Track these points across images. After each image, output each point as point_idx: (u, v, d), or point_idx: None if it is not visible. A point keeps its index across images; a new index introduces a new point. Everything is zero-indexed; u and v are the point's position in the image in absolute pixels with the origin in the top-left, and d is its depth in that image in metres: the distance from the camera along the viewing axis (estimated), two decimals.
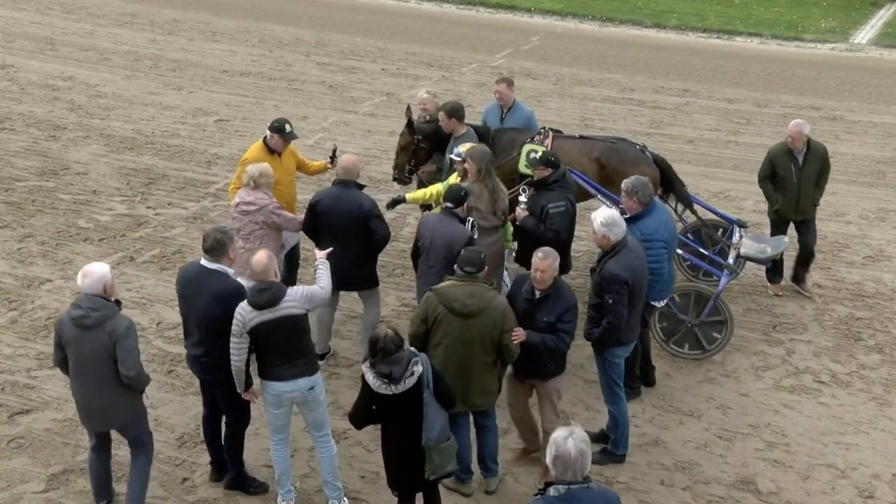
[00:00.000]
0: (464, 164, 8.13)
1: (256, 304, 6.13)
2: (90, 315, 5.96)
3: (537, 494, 4.69)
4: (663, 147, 13.00)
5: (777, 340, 9.01)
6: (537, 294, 6.58)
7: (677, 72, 18.29)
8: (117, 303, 6.18)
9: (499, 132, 9.31)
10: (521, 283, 6.78)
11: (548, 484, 4.63)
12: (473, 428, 6.87)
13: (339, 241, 7.43)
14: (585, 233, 10.67)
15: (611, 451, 7.26)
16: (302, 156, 9.17)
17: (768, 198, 9.62)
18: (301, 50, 18.65)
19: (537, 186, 7.87)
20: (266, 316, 6.14)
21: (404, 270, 9.77)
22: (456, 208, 7.45)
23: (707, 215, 9.75)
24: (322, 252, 6.89)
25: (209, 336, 6.34)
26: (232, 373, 6.36)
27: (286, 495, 6.67)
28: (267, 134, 8.50)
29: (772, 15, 23.77)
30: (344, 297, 8.60)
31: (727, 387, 8.31)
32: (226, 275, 6.37)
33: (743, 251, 8.93)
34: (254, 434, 7.32)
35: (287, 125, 8.48)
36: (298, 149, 9.25)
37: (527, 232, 7.77)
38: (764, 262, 9.10)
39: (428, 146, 9.22)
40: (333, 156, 9.12)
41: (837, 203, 12.21)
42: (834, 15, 23.88)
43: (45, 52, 17.68)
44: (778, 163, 9.41)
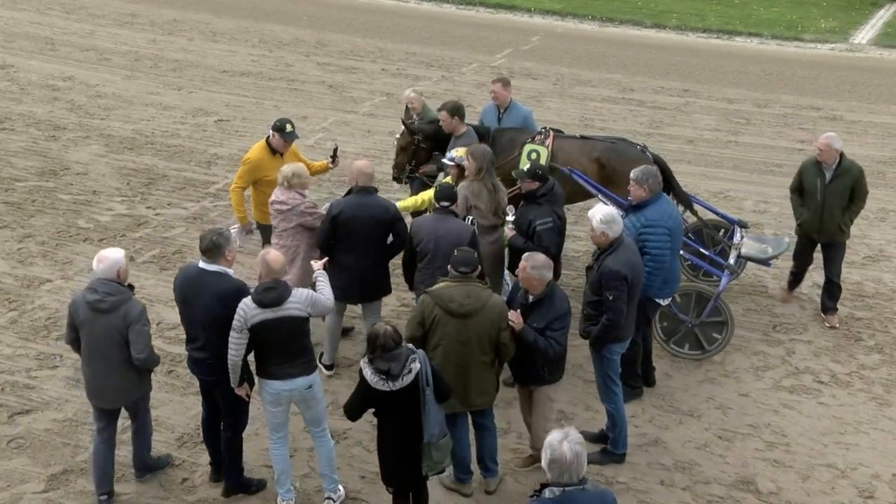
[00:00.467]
0: (456, 168, 8.16)
1: (261, 302, 6.14)
2: (105, 300, 6.17)
3: (533, 496, 4.68)
4: (663, 147, 13.02)
5: (777, 340, 9.01)
6: (530, 299, 6.60)
7: (677, 72, 18.30)
8: (130, 287, 6.39)
9: (499, 132, 9.31)
10: (519, 286, 6.78)
11: (543, 486, 4.62)
12: (472, 428, 6.87)
13: (361, 249, 7.44)
14: (585, 233, 10.69)
15: (610, 451, 7.26)
16: (303, 156, 9.17)
17: (794, 211, 9.20)
18: (301, 50, 18.65)
19: (525, 199, 7.75)
20: (268, 314, 6.15)
21: None
22: (451, 206, 7.48)
23: (708, 215, 9.76)
24: (319, 263, 6.89)
25: (213, 337, 6.32)
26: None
27: (286, 495, 6.67)
28: (270, 134, 8.50)
29: (772, 15, 23.78)
30: None
31: (727, 387, 8.31)
32: (226, 275, 6.37)
33: (744, 251, 8.94)
34: (254, 434, 7.32)
35: (288, 125, 8.48)
36: (299, 149, 9.24)
37: (517, 250, 7.66)
38: (765, 263, 9.10)
39: (428, 146, 9.22)
40: (335, 155, 9.11)
41: None
42: (834, 15, 23.89)
43: (45, 53, 17.68)
44: (805, 175, 8.97)
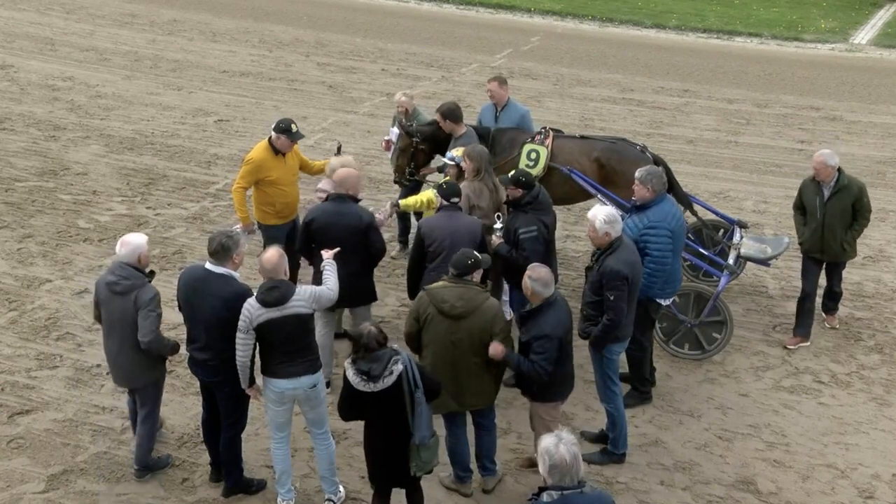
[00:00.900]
0: (456, 168, 8.16)
1: (265, 302, 6.15)
2: (120, 283, 6.47)
3: (531, 500, 4.65)
4: (663, 147, 13.04)
5: (777, 341, 9.00)
6: (527, 307, 6.57)
7: (677, 72, 18.30)
8: (151, 273, 6.68)
9: (499, 132, 9.31)
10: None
11: (541, 489, 4.60)
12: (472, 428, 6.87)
13: (341, 256, 7.20)
14: (585, 233, 10.69)
15: (610, 451, 7.26)
16: (304, 156, 9.17)
17: (796, 230, 8.97)
18: (301, 50, 18.66)
19: (511, 206, 7.66)
20: (273, 314, 6.16)
21: (405, 270, 9.74)
22: (459, 202, 7.51)
23: (707, 215, 9.76)
24: (329, 252, 6.88)
25: (216, 339, 6.33)
26: (235, 375, 6.37)
27: (286, 495, 6.67)
28: (272, 135, 8.46)
29: (772, 15, 23.79)
30: None
31: (727, 387, 8.31)
32: (232, 278, 6.38)
33: (743, 251, 8.94)
34: (254, 434, 7.33)
35: (293, 125, 8.46)
36: (299, 149, 9.23)
37: (502, 258, 7.61)
38: (764, 263, 9.10)
39: (427, 148, 9.22)
40: (338, 154, 9.11)
41: None
42: (834, 15, 23.90)
43: (45, 53, 17.69)
44: (805, 193, 8.74)
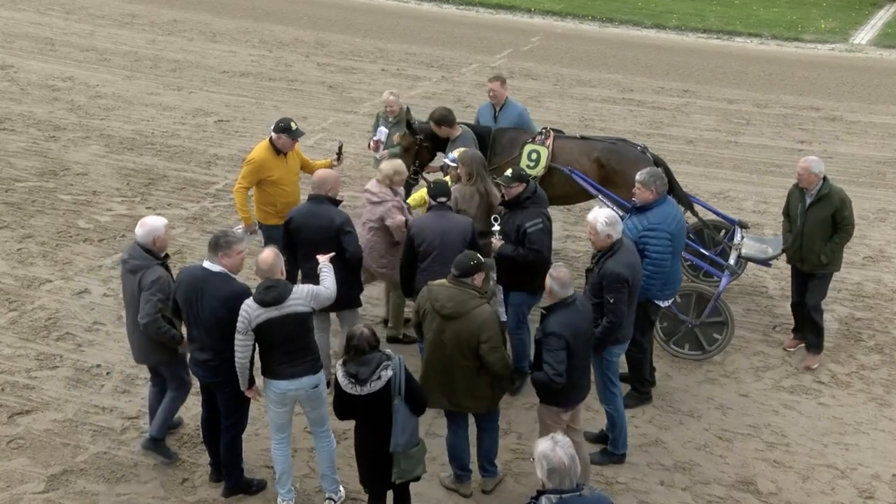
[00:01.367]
0: (457, 169, 8.15)
1: (263, 302, 6.15)
2: (130, 262, 6.67)
3: (529, 503, 4.64)
4: (663, 147, 13.04)
5: (777, 341, 9.00)
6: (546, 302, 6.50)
7: (677, 72, 18.30)
8: (166, 256, 6.79)
9: (500, 132, 9.31)
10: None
11: (540, 493, 4.58)
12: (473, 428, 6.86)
13: (315, 259, 7.01)
14: (585, 233, 10.69)
15: (610, 451, 7.26)
16: (305, 156, 9.16)
17: (783, 235, 8.76)
18: (301, 50, 18.66)
19: (510, 206, 7.50)
20: (272, 313, 6.15)
21: None
22: (447, 201, 7.49)
23: (708, 216, 9.76)
24: (325, 256, 6.86)
25: (216, 339, 6.33)
26: (235, 375, 6.37)
27: (286, 495, 6.67)
28: (272, 135, 8.45)
29: (772, 15, 23.79)
30: None
31: (727, 387, 8.31)
32: (230, 277, 6.38)
33: (744, 252, 8.93)
34: (253, 435, 7.32)
35: (292, 123, 8.45)
36: (300, 148, 9.23)
37: (507, 258, 7.47)
38: (765, 263, 9.10)
39: (431, 145, 9.23)
40: (339, 153, 9.12)
41: None
42: (834, 15, 23.90)
43: (45, 53, 17.69)
44: (791, 200, 8.55)
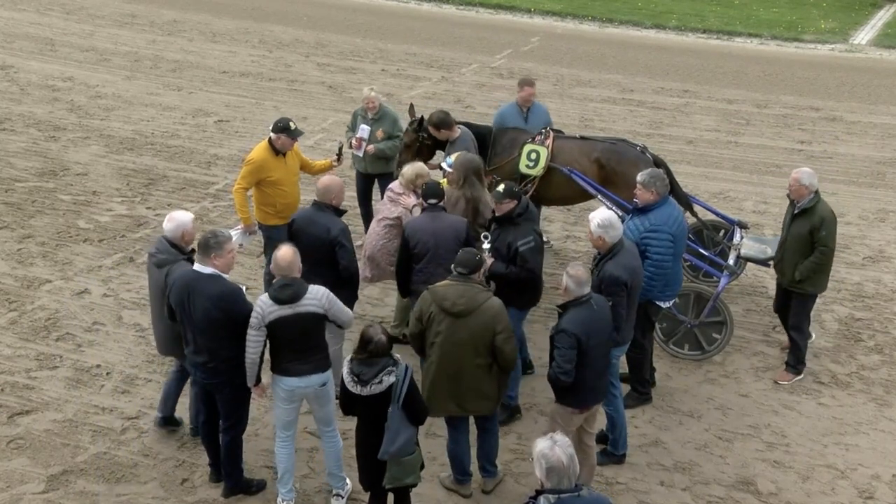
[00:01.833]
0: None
1: (278, 299, 6.18)
2: (156, 256, 6.79)
3: (527, 503, 4.63)
4: (663, 148, 13.04)
5: (777, 341, 9.00)
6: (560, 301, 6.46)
7: (677, 72, 18.30)
8: (192, 251, 6.77)
9: (500, 132, 9.32)
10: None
11: (538, 492, 4.58)
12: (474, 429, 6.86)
13: (312, 266, 6.96)
14: (585, 233, 10.69)
15: (610, 452, 7.26)
16: (305, 156, 9.16)
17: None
18: (301, 50, 18.66)
19: (501, 222, 7.28)
20: (286, 311, 6.18)
21: None
22: (440, 202, 7.46)
23: (707, 216, 9.76)
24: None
25: (210, 340, 6.33)
26: (235, 376, 6.39)
27: (287, 494, 6.67)
28: (271, 136, 8.45)
29: (771, 16, 23.79)
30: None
31: (727, 387, 8.31)
32: (221, 277, 6.36)
33: (743, 252, 8.94)
34: (253, 435, 7.33)
35: (291, 123, 8.45)
36: (299, 149, 9.23)
37: (499, 276, 7.23)
38: (764, 263, 9.10)
39: (432, 144, 9.23)
40: (339, 153, 9.12)
41: (837, 204, 12.16)
42: (833, 16, 23.90)
43: (45, 53, 17.69)
44: (787, 209, 8.36)
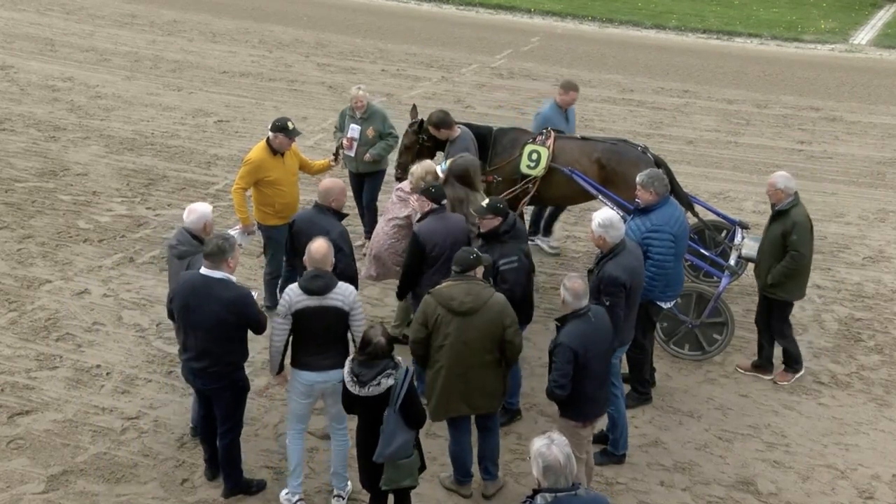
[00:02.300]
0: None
1: (307, 290, 6.26)
2: (178, 247, 6.93)
3: (525, 502, 4.64)
4: (663, 148, 13.04)
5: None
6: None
7: (677, 73, 18.30)
8: None
9: (501, 132, 9.31)
10: None
11: (535, 491, 4.58)
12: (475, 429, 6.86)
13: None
14: (585, 233, 10.70)
15: (610, 452, 7.26)
16: (304, 156, 9.17)
17: None
18: (301, 51, 18.66)
19: (488, 239, 7.08)
20: (312, 302, 6.26)
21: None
22: (444, 201, 7.46)
23: (709, 216, 9.76)
24: None
25: (217, 343, 6.31)
26: (236, 379, 6.44)
27: (296, 488, 6.71)
28: (269, 135, 8.46)
29: (771, 16, 23.79)
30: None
31: (727, 388, 8.31)
32: (231, 282, 6.37)
33: (744, 252, 8.93)
34: (253, 435, 7.33)
35: (289, 123, 8.46)
36: (298, 149, 9.23)
37: None
38: None
39: (432, 145, 9.23)
40: (337, 154, 9.10)
41: (837, 204, 12.23)
42: (833, 16, 23.90)
43: (45, 53, 17.69)
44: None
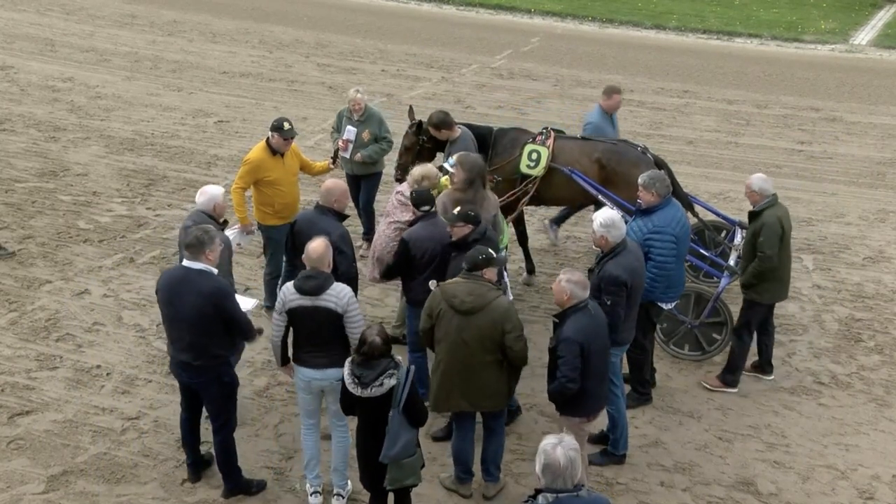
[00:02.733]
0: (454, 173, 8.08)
1: (300, 289, 6.29)
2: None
3: (526, 502, 4.63)
4: (663, 148, 13.04)
5: (777, 342, 8.96)
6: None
7: (677, 73, 18.30)
8: (224, 222, 7.33)
9: (501, 132, 9.31)
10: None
11: (538, 491, 4.58)
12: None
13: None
14: (585, 233, 10.70)
15: (611, 452, 7.25)
16: (305, 157, 9.17)
17: None
18: (301, 51, 18.66)
19: (457, 246, 7.03)
20: (305, 301, 6.29)
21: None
22: (432, 209, 7.37)
23: (708, 216, 9.76)
24: None
25: (199, 336, 6.32)
26: (222, 373, 6.45)
27: (314, 480, 6.74)
28: (270, 135, 8.48)
29: (771, 16, 23.80)
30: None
31: None
32: (211, 273, 6.37)
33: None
34: (254, 435, 7.33)
35: (286, 123, 8.46)
36: (299, 149, 9.24)
37: None
38: None
39: (432, 146, 9.23)
40: (335, 156, 9.10)
41: (837, 204, 12.23)
42: (834, 16, 23.90)
43: (45, 54, 17.69)
44: None
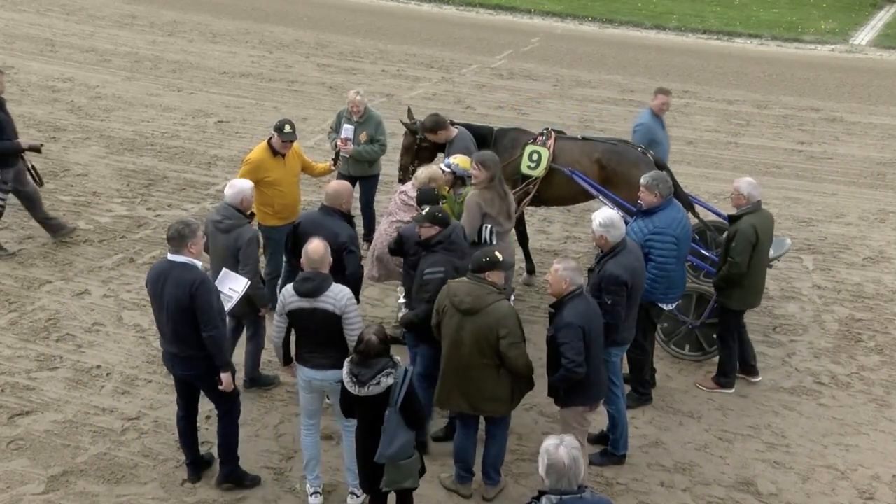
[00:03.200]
0: (451, 175, 8.09)
1: (298, 291, 6.34)
2: (224, 222, 7.32)
3: (530, 503, 4.63)
4: None
5: (777, 342, 9.00)
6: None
7: (677, 73, 18.30)
8: (251, 215, 7.50)
9: (501, 132, 9.32)
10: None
11: (541, 493, 4.57)
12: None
13: None
14: (585, 233, 10.70)
15: (611, 452, 7.25)
16: (307, 158, 9.16)
17: None
18: (301, 51, 18.66)
19: (422, 246, 7.03)
20: (304, 303, 6.33)
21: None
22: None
23: (709, 217, 9.76)
24: None
25: (181, 327, 6.35)
26: (212, 365, 6.46)
27: (314, 481, 6.74)
28: (271, 135, 8.51)
29: (771, 16, 23.80)
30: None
31: None
32: (193, 266, 6.39)
33: None
34: (254, 435, 7.33)
35: (287, 125, 8.46)
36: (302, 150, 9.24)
37: (415, 327, 7.01)
38: (767, 265, 9.08)
39: (431, 145, 9.23)
40: (337, 157, 9.09)
41: (837, 204, 12.23)
42: (834, 16, 23.91)
43: (45, 54, 17.69)
44: None
